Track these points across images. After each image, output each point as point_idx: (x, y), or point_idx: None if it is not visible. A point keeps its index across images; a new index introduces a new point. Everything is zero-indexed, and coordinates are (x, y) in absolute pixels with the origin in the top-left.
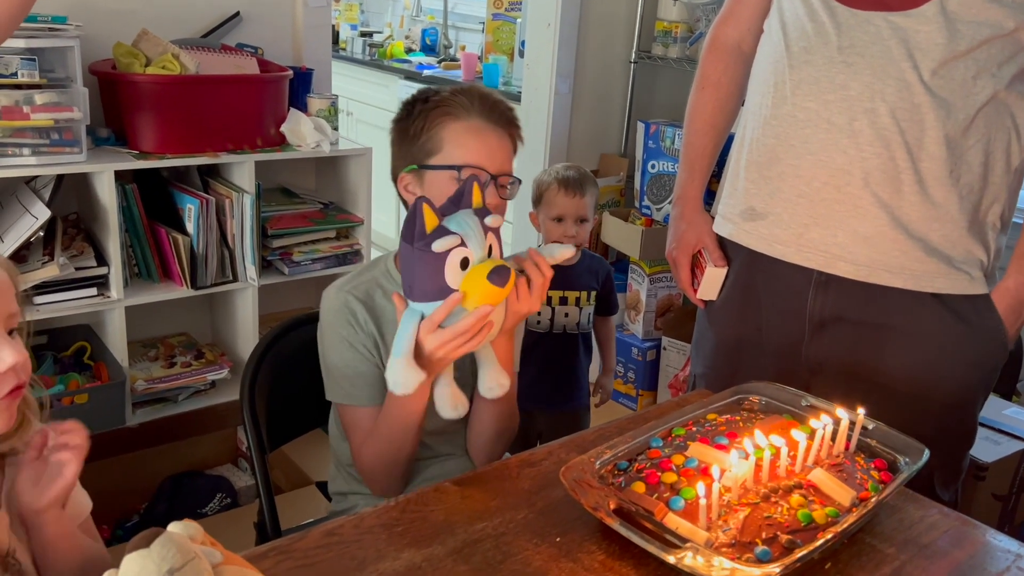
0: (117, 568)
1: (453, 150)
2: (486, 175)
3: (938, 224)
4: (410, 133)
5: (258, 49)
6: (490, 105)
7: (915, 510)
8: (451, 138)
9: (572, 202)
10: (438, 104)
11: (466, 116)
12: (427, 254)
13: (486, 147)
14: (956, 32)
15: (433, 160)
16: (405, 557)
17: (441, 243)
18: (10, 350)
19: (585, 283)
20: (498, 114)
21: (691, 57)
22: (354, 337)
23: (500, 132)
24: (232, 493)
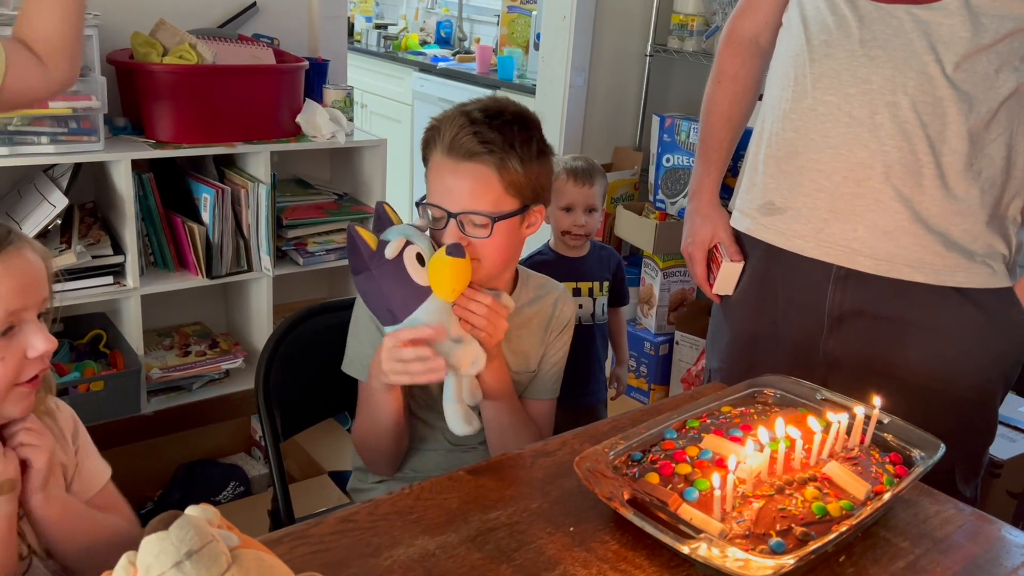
0: (135, 550)
1: (428, 185)
2: (444, 214)
3: (959, 218)
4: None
5: (274, 40)
6: (452, 134)
7: (930, 504)
8: (428, 172)
9: (581, 191)
10: (426, 130)
11: (435, 148)
12: (384, 265)
13: (442, 185)
14: (979, 25)
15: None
16: (419, 544)
17: (391, 246)
18: (42, 337)
19: (597, 274)
20: (461, 152)
21: (707, 51)
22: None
23: (461, 169)
24: (245, 481)
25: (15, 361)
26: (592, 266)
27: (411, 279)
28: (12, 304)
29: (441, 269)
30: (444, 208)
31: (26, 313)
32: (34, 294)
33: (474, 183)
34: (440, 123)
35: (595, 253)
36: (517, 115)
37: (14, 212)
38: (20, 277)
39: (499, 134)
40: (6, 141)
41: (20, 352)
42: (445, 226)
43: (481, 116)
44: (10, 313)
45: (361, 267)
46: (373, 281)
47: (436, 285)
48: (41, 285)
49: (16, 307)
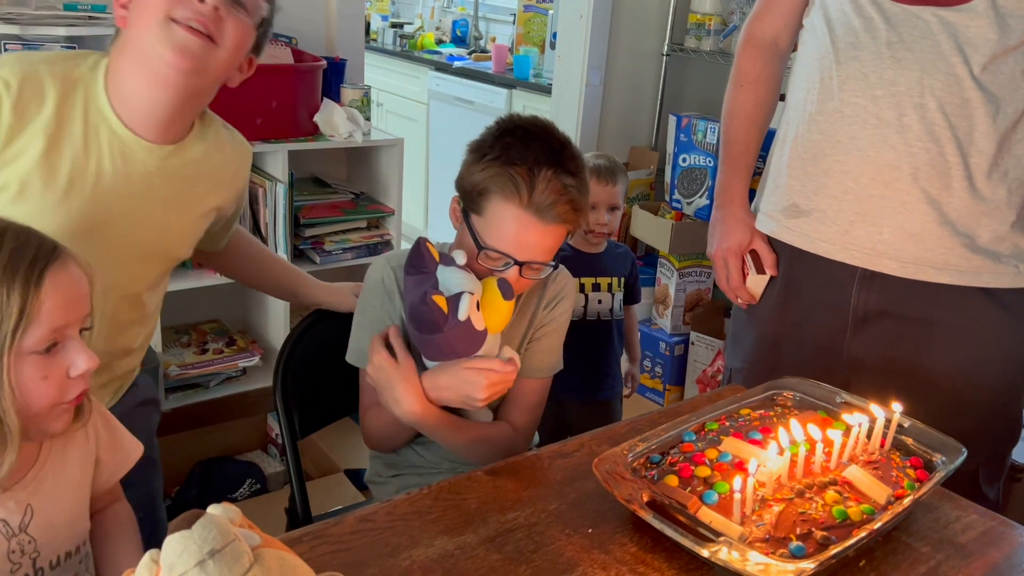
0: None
1: (490, 225)
2: (511, 260)
3: (986, 219)
4: (470, 176)
5: (292, 39)
6: (550, 202)
7: (951, 509)
8: (494, 213)
9: (604, 190)
10: (498, 174)
11: (516, 202)
12: (457, 326)
13: (522, 241)
14: (1006, 27)
15: (474, 218)
16: (438, 544)
17: (465, 309)
18: (84, 356)
19: (615, 269)
20: (554, 213)
21: (724, 50)
22: (381, 311)
23: (549, 230)
24: (262, 479)
25: (58, 380)
26: (610, 262)
27: (475, 328)
28: (57, 321)
29: (499, 312)
30: (512, 257)
31: (69, 330)
32: (78, 310)
33: (555, 241)
34: (528, 175)
35: (611, 250)
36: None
37: None
38: (66, 293)
39: (582, 196)
40: None
41: (63, 371)
42: (504, 268)
43: (569, 178)
44: (54, 330)
45: (435, 329)
46: (446, 340)
47: (492, 326)
48: (85, 301)
49: (60, 324)
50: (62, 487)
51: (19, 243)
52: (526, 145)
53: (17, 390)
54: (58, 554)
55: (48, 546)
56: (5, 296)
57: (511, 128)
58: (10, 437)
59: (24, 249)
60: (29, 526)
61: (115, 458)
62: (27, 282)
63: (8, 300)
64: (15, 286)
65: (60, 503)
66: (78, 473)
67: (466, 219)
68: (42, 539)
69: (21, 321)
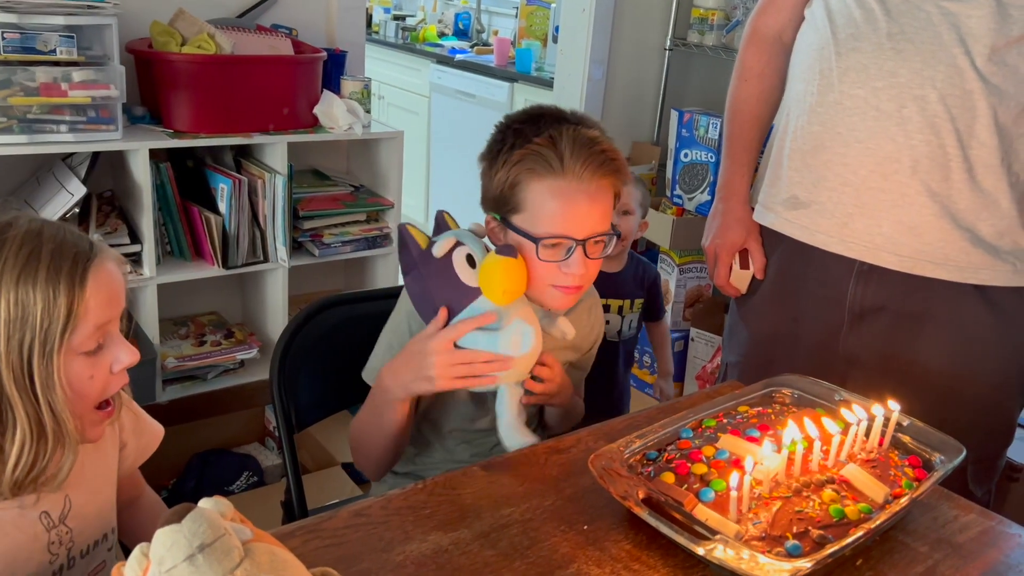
0: (148, 542)
1: (536, 214)
2: (571, 242)
3: (987, 213)
4: (493, 181)
5: (292, 30)
6: (582, 158)
7: (949, 509)
8: (532, 199)
9: None
10: (522, 157)
11: (550, 174)
12: (431, 264)
13: (572, 213)
14: (1008, 17)
15: (515, 219)
16: (432, 540)
17: (439, 245)
18: (127, 350)
19: (630, 291)
20: (591, 169)
21: (727, 45)
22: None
23: (591, 190)
24: (259, 472)
25: (103, 377)
26: (626, 283)
27: (459, 279)
28: (101, 318)
29: (493, 270)
30: (571, 237)
31: (111, 326)
32: (117, 305)
33: (607, 203)
34: (551, 144)
35: (631, 269)
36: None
37: (33, 200)
38: (108, 289)
39: (613, 146)
40: (26, 129)
41: (107, 367)
42: (567, 256)
43: (590, 130)
44: (99, 327)
45: (410, 266)
46: (420, 280)
47: (486, 286)
48: (123, 296)
49: (104, 320)
50: (96, 475)
51: (57, 243)
52: (536, 124)
53: (68, 389)
54: (88, 543)
55: (82, 535)
56: (51, 297)
57: (513, 119)
58: (70, 439)
59: (64, 248)
60: (67, 517)
61: (139, 442)
62: (72, 282)
63: (55, 302)
64: (60, 288)
65: (94, 491)
66: (107, 460)
67: (509, 226)
68: (77, 528)
69: (69, 322)
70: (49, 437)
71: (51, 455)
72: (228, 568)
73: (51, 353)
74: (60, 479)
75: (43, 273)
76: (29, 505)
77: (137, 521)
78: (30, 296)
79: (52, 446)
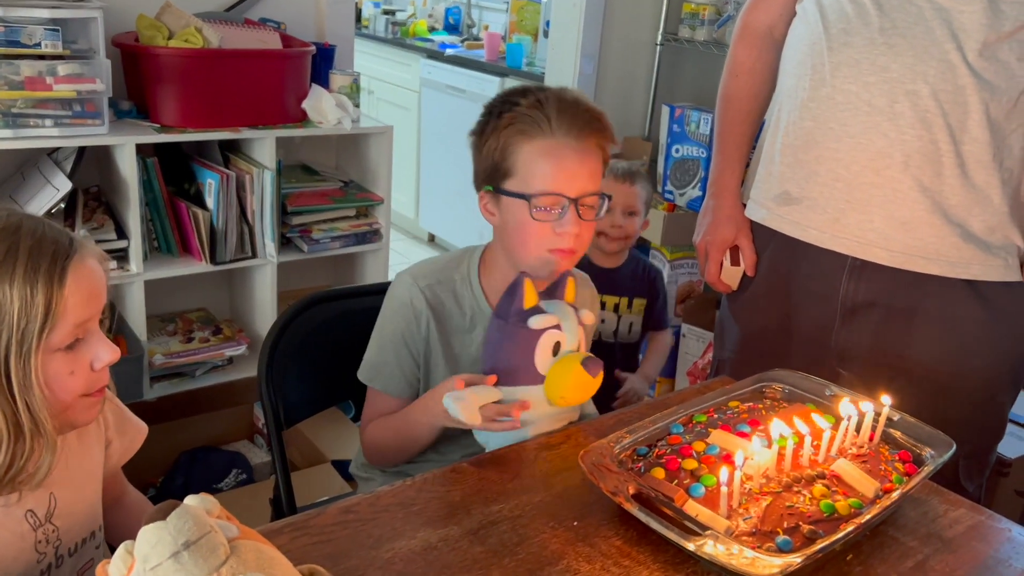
0: (133, 540)
1: (526, 175)
2: (564, 200)
3: (978, 209)
4: (483, 152)
5: (281, 24)
6: (568, 117)
7: (939, 504)
8: (524, 161)
9: (621, 189)
10: (511, 122)
11: (540, 134)
12: (519, 330)
13: (562, 170)
14: (999, 12)
15: (507, 184)
16: (421, 536)
17: (539, 319)
18: (106, 348)
19: (628, 288)
20: (578, 127)
21: (718, 40)
22: (407, 332)
23: (580, 148)
24: (248, 469)
25: (83, 373)
26: (624, 279)
27: (533, 359)
28: (80, 316)
29: (566, 372)
30: (563, 194)
31: (91, 323)
32: (98, 303)
33: (595, 163)
34: (538, 106)
35: (630, 266)
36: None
37: (18, 195)
38: (87, 286)
39: (597, 108)
40: (10, 124)
41: (87, 364)
42: (561, 216)
43: (573, 94)
44: (78, 325)
45: (505, 313)
46: (504, 331)
47: (552, 382)
48: (103, 292)
49: (84, 318)
50: (81, 473)
51: (36, 239)
52: (521, 94)
53: (46, 388)
54: (76, 541)
55: (69, 533)
56: (29, 296)
57: (498, 97)
58: (47, 439)
59: (42, 245)
60: (54, 515)
61: (124, 440)
62: (50, 280)
63: (33, 300)
64: (38, 285)
65: (80, 489)
66: (93, 457)
67: (502, 192)
68: (64, 526)
69: (47, 320)
70: (27, 437)
71: (29, 455)
72: (214, 565)
73: (28, 352)
74: (39, 478)
75: (21, 270)
76: (13, 503)
77: (121, 520)
78: (7, 294)
79: (30, 445)
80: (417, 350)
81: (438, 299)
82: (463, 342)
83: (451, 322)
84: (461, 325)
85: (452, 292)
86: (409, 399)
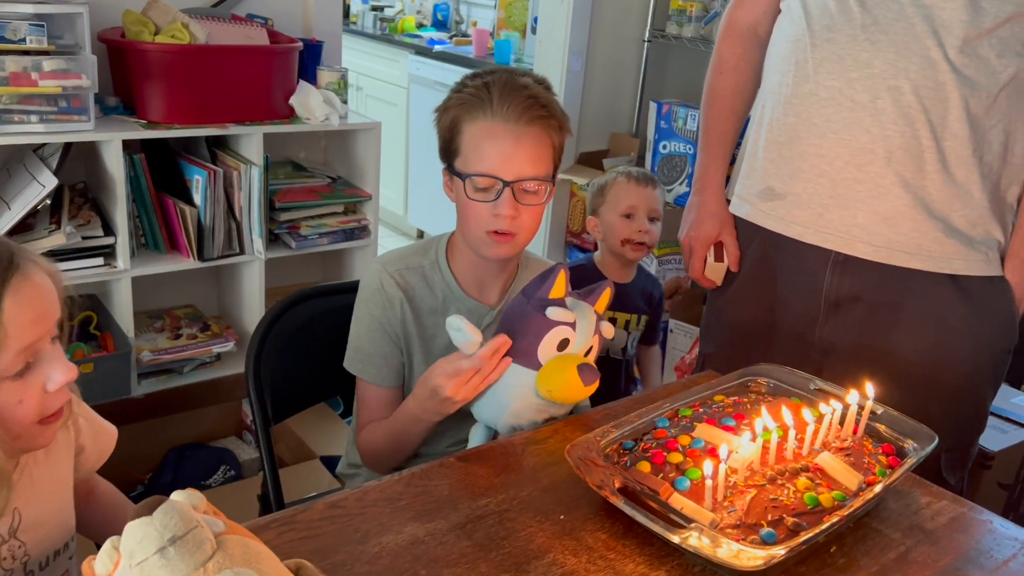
0: (119, 536)
1: (468, 155)
2: (499, 183)
3: (959, 204)
4: (439, 130)
5: (268, 20)
6: (510, 100)
7: (921, 496)
8: (467, 141)
9: (644, 193)
10: (460, 101)
11: (480, 115)
12: (536, 314)
13: (498, 153)
14: (980, 9)
15: (456, 163)
16: (408, 531)
17: (558, 312)
18: (60, 367)
19: (637, 305)
20: (518, 111)
21: (706, 37)
22: (383, 319)
23: (519, 132)
24: (236, 465)
25: (35, 399)
26: (635, 297)
27: (536, 347)
28: (26, 340)
29: (561, 372)
30: (498, 177)
31: (40, 343)
32: (46, 322)
33: (535, 148)
34: (484, 88)
35: (640, 282)
36: (548, 84)
37: (3, 192)
38: (32, 308)
39: (547, 93)
40: None
41: (39, 387)
42: (496, 198)
43: (531, 82)
44: (23, 350)
45: (531, 295)
46: (521, 310)
47: (545, 374)
48: (53, 309)
49: (30, 341)
50: (47, 484)
51: None
52: (477, 76)
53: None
54: (47, 554)
55: (38, 547)
56: None
57: (463, 77)
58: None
59: None
60: (18, 531)
61: (97, 444)
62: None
63: None
64: None
65: (46, 502)
66: (61, 467)
67: (452, 171)
68: (31, 541)
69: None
70: None
71: None
72: (200, 560)
73: None
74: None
75: None
76: None
77: (94, 512)
78: None
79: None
80: (396, 334)
81: (408, 284)
82: (437, 323)
83: (424, 304)
84: (434, 307)
85: (422, 276)
86: (398, 388)
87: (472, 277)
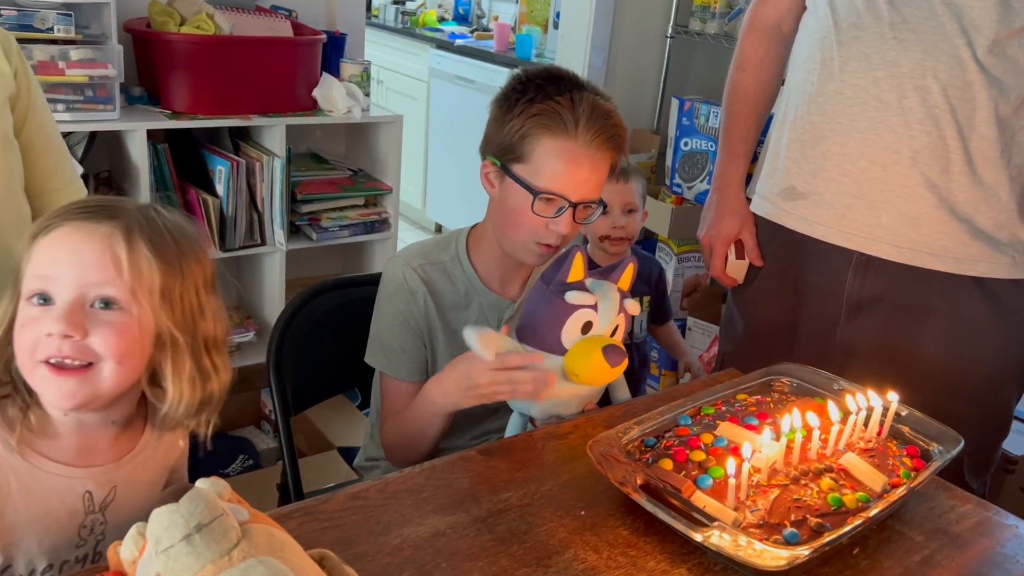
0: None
1: (539, 168)
2: (565, 202)
3: (985, 206)
4: (504, 127)
5: (292, 12)
6: (596, 127)
7: (946, 499)
8: (541, 154)
9: (616, 188)
10: (541, 112)
11: (564, 135)
12: (556, 299)
13: (574, 176)
14: (1010, 8)
15: (517, 167)
16: (429, 523)
17: (577, 296)
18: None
19: (636, 288)
20: (601, 139)
21: (729, 33)
22: (407, 313)
23: (596, 158)
24: (254, 455)
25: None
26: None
27: (560, 332)
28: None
29: (589, 356)
30: (566, 197)
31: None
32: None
33: (604, 172)
34: (570, 106)
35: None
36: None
37: None
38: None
39: (621, 122)
40: None
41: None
42: (557, 214)
43: (606, 102)
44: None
45: (550, 280)
46: (541, 296)
47: (573, 359)
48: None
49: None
50: (145, 482)
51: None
52: (556, 83)
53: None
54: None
55: (112, 534)
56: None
57: (534, 74)
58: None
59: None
60: (108, 507)
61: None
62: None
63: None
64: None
65: (138, 497)
66: (159, 474)
67: (509, 173)
68: (111, 524)
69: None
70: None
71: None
72: (225, 548)
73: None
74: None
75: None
76: (79, 475)
77: None
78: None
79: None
80: (419, 328)
81: (430, 278)
82: (460, 318)
83: (446, 298)
84: (457, 301)
85: (443, 271)
86: (420, 382)
87: (494, 271)
